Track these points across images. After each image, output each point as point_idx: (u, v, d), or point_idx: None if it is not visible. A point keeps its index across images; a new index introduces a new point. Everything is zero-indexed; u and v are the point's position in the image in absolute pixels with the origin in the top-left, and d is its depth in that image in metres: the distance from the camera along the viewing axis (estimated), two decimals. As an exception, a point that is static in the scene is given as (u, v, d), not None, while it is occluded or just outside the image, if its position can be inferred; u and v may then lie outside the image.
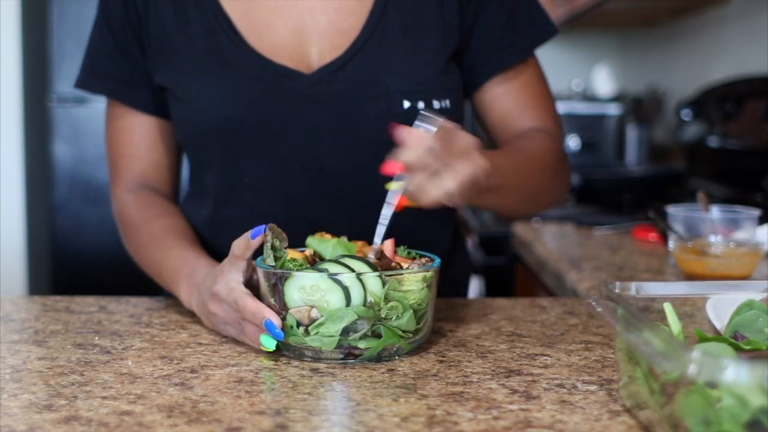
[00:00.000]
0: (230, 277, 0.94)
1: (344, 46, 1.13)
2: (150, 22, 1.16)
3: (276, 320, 0.89)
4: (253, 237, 0.93)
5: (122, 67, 1.18)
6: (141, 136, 1.20)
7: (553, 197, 1.26)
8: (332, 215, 1.14)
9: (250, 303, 0.91)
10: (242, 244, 0.93)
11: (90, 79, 1.21)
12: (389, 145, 0.97)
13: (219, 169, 1.16)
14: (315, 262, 0.95)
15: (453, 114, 1.17)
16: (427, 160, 0.88)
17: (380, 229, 0.95)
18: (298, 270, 0.89)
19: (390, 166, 0.90)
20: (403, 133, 0.89)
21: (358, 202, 1.12)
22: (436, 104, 1.13)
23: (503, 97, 1.21)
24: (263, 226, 0.93)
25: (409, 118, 1.11)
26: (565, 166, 1.24)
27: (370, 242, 0.97)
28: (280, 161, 1.13)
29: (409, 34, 1.15)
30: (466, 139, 0.92)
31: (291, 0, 1.14)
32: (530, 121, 1.22)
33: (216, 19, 1.14)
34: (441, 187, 0.88)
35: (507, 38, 1.19)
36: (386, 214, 0.94)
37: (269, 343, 0.90)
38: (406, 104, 1.12)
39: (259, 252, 0.93)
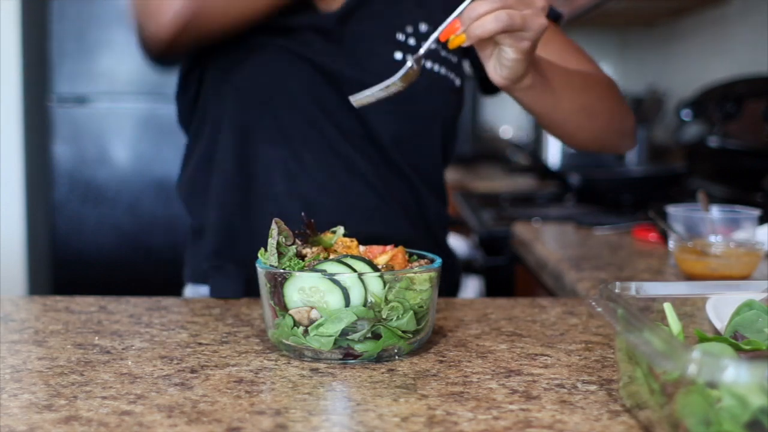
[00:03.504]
0: None
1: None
2: None
3: None
4: None
5: None
6: None
7: (619, 125, 1.22)
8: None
9: None
10: None
11: None
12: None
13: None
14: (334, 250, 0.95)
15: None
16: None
17: (424, 47, 0.97)
18: (297, 271, 0.89)
19: None
20: None
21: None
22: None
23: (548, 45, 1.18)
24: None
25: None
26: (624, 102, 1.21)
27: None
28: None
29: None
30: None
31: None
32: (578, 65, 1.21)
33: None
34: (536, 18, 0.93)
35: None
36: (432, 37, 0.96)
37: None
38: (399, 55, 1.21)
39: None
